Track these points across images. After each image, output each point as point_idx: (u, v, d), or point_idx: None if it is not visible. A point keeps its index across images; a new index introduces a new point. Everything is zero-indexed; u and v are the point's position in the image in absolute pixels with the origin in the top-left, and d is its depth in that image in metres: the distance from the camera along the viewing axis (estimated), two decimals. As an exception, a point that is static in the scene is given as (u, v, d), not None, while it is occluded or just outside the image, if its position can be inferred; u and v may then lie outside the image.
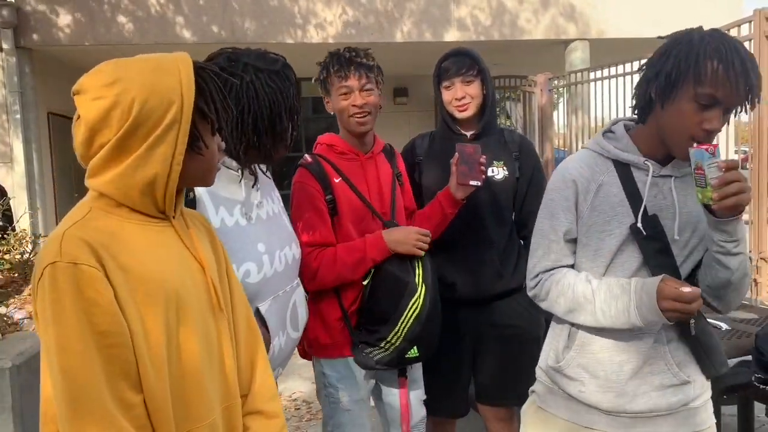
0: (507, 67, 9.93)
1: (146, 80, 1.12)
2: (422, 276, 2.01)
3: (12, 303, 3.99)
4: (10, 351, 3.02)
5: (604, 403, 1.56)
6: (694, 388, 1.56)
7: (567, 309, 1.56)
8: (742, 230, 1.41)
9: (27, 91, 8.28)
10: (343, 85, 2.04)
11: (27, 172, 8.27)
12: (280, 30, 8.61)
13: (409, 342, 1.98)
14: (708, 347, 1.55)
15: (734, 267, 1.43)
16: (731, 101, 1.38)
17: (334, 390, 2.10)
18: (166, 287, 1.14)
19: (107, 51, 8.67)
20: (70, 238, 1.07)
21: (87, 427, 1.03)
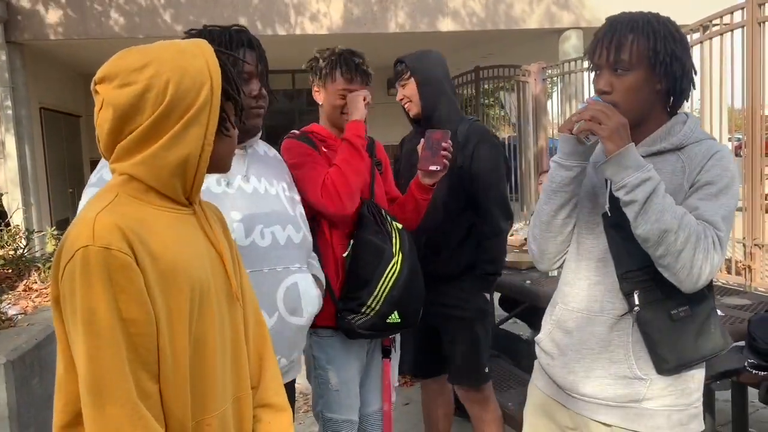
0: (500, 56, 9.92)
1: (177, 63, 1.12)
2: (399, 245, 2.15)
3: (6, 299, 3.97)
4: (4, 347, 3.01)
5: (560, 379, 1.62)
6: (649, 387, 1.50)
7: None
8: (626, 175, 1.39)
9: (18, 86, 8.24)
10: (347, 88, 2.19)
11: (20, 168, 8.24)
12: (271, 22, 8.57)
13: (389, 305, 2.08)
14: (652, 341, 1.48)
15: (631, 218, 1.40)
16: (601, 63, 1.50)
17: (323, 372, 2.18)
18: (191, 275, 1.14)
19: (98, 45, 8.63)
20: (103, 222, 1.06)
21: (111, 412, 1.03)
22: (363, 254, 2.13)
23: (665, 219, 1.36)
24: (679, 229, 1.36)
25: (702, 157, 1.47)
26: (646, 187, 1.37)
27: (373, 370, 2.32)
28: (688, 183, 1.47)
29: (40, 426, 3.22)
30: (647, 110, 1.51)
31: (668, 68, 1.46)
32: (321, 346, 2.19)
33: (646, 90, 1.48)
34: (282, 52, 9.59)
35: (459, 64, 10.84)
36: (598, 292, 1.55)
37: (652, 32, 1.46)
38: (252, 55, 1.66)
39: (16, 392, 2.94)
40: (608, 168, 1.40)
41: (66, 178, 10.18)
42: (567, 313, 1.61)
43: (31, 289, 4.32)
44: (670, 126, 1.53)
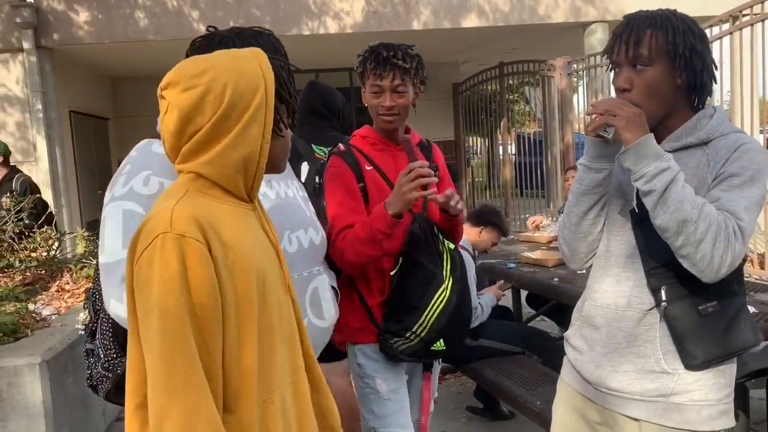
0: (525, 52, 9.84)
1: (233, 67, 1.21)
2: (450, 268, 2.02)
3: (40, 299, 4.05)
4: (39, 347, 3.08)
5: (588, 374, 1.62)
6: (676, 382, 1.49)
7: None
8: (645, 165, 1.38)
9: (48, 90, 8.39)
10: (376, 84, 2.04)
11: (51, 170, 8.40)
12: (296, 21, 8.61)
13: (435, 333, 1.98)
14: (680, 336, 1.47)
15: (650, 208, 1.40)
16: (620, 59, 1.50)
17: (371, 380, 2.09)
18: (257, 264, 1.22)
19: (125, 48, 8.75)
20: (180, 212, 1.15)
21: (179, 389, 1.08)
22: (412, 277, 2.01)
23: (684, 209, 1.36)
24: (698, 219, 1.36)
25: (727, 150, 1.46)
26: (665, 177, 1.37)
27: (413, 381, 2.24)
28: (712, 176, 1.46)
29: (74, 424, 3.28)
30: (669, 106, 1.50)
31: (688, 62, 1.46)
32: (365, 353, 2.10)
33: (666, 85, 1.48)
34: (305, 51, 9.62)
35: (482, 60, 10.79)
36: (626, 287, 1.55)
37: (671, 27, 1.46)
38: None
39: (51, 391, 3.00)
40: (627, 158, 1.41)
41: (95, 180, 10.34)
42: (595, 309, 1.62)
43: (64, 290, 4.40)
44: (696, 120, 1.52)
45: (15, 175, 5.56)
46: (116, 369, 1.54)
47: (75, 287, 4.42)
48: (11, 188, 5.40)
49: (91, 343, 1.62)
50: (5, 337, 3.18)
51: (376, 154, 2.12)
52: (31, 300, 3.84)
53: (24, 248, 4.94)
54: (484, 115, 10.45)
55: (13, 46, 8.23)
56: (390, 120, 2.06)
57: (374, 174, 2.09)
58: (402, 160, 2.10)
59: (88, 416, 3.47)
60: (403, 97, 2.04)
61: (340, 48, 9.68)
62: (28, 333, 3.33)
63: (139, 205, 1.51)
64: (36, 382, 2.90)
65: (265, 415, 1.23)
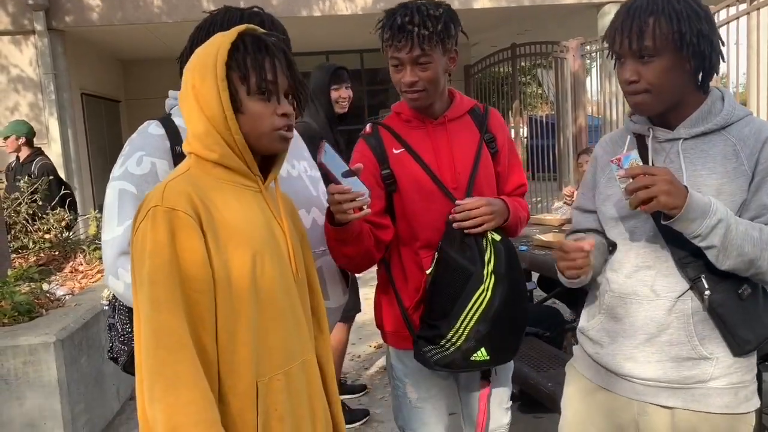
0: (537, 33, 9.74)
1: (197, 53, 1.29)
2: (494, 264, 1.74)
3: (54, 280, 4.09)
4: (54, 326, 3.11)
5: (615, 366, 1.58)
6: (716, 367, 1.47)
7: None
8: (696, 226, 1.37)
9: (60, 72, 8.40)
10: (394, 57, 1.75)
11: (63, 152, 8.43)
12: (307, 2, 8.55)
13: (474, 342, 1.72)
14: (730, 324, 1.45)
15: (713, 260, 1.40)
16: (624, 52, 1.44)
17: (401, 384, 1.94)
18: (253, 241, 1.25)
19: (136, 30, 8.74)
20: (172, 187, 1.20)
21: (167, 357, 1.12)
22: (446, 276, 1.75)
23: (746, 251, 1.38)
24: (762, 252, 1.39)
25: (755, 140, 1.44)
26: (719, 230, 1.37)
27: (470, 391, 1.98)
28: (750, 169, 1.43)
29: (89, 402, 3.32)
30: (680, 93, 1.47)
31: (696, 48, 1.41)
32: (398, 356, 1.93)
33: (675, 73, 1.43)
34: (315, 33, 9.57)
35: (494, 42, 10.68)
36: (649, 276, 1.52)
37: (674, 13, 1.40)
38: None
39: (66, 370, 3.03)
40: (677, 225, 1.38)
41: (107, 162, 10.35)
42: (616, 300, 1.58)
43: (77, 271, 4.44)
44: (710, 104, 1.49)
45: (36, 158, 5.60)
46: (131, 343, 1.59)
47: (88, 268, 4.46)
48: (30, 171, 5.44)
49: (112, 317, 1.67)
50: (20, 317, 3.22)
51: (409, 133, 1.85)
52: (45, 280, 3.88)
53: (38, 230, 4.99)
54: (496, 98, 10.38)
55: (26, 28, 8.24)
56: (415, 98, 1.79)
57: (404, 156, 1.83)
58: (441, 137, 1.85)
59: (102, 394, 3.51)
60: (428, 69, 1.74)
61: (351, 30, 9.61)
62: (43, 312, 3.37)
63: (131, 184, 1.56)
64: (51, 360, 2.94)
65: (269, 391, 1.25)
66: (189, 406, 1.11)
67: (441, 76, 1.79)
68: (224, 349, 1.20)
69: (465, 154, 1.85)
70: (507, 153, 1.95)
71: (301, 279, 1.39)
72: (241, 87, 1.26)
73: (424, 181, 1.81)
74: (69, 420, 3.01)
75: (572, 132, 8.42)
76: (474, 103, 1.95)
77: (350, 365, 4.39)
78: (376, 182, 1.82)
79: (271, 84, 1.27)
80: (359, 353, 4.62)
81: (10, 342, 2.93)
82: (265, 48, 1.27)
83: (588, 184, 1.70)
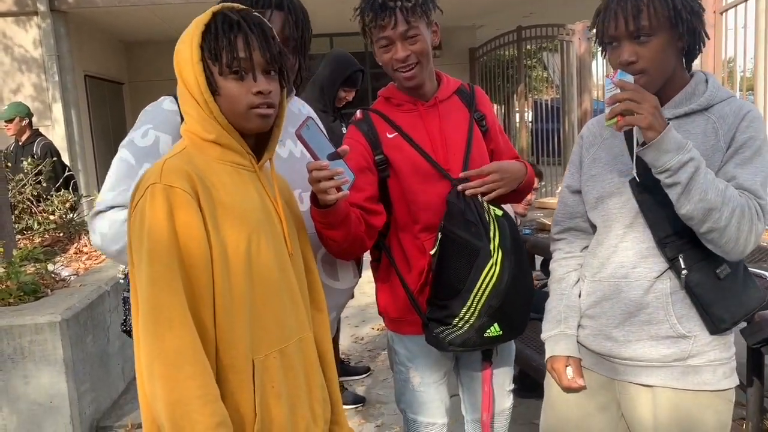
0: (543, 16, 9.67)
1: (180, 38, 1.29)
2: (499, 239, 1.72)
3: (59, 261, 4.11)
4: (59, 306, 3.13)
5: (596, 346, 1.62)
6: (694, 344, 1.49)
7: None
8: (667, 159, 1.34)
9: (64, 54, 8.38)
10: (382, 37, 1.73)
11: (67, 134, 8.43)
12: (311, -16, 8.49)
13: (487, 317, 1.72)
14: (705, 302, 1.47)
15: (674, 199, 1.37)
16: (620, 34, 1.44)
17: (405, 368, 1.93)
18: (249, 219, 1.26)
19: (138, 12, 8.69)
20: (170, 165, 1.21)
21: (166, 333, 1.13)
22: (453, 254, 1.74)
23: (709, 198, 1.35)
24: (723, 206, 1.35)
25: (734, 117, 1.45)
26: (688, 168, 1.34)
27: (471, 373, 2.00)
28: (725, 144, 1.45)
29: (94, 382, 3.35)
30: (671, 71, 1.48)
31: (690, 24, 1.43)
32: (402, 341, 1.93)
33: (670, 51, 1.45)
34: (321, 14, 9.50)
35: (500, 25, 10.60)
36: (627, 258, 1.54)
37: None
38: (280, 17, 1.58)
39: (72, 349, 3.05)
40: (648, 154, 1.36)
41: (111, 144, 10.37)
42: (595, 285, 1.61)
43: (82, 252, 4.46)
44: (693, 86, 1.51)
45: (37, 139, 5.60)
46: None
47: (93, 249, 4.47)
48: (32, 151, 5.45)
49: (127, 291, 1.70)
50: (26, 296, 3.24)
51: (401, 116, 1.85)
52: (50, 261, 3.89)
53: (42, 211, 5.00)
54: (501, 81, 10.32)
55: (29, 9, 8.21)
56: (410, 75, 1.76)
57: (398, 140, 1.82)
58: (433, 119, 1.84)
59: (107, 374, 3.54)
60: (418, 41, 1.73)
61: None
62: (48, 293, 3.39)
63: (132, 155, 1.58)
64: (57, 339, 2.96)
65: (265, 369, 1.26)
66: (189, 380, 1.12)
67: (429, 50, 1.79)
68: (222, 327, 1.21)
69: (457, 134, 1.85)
70: (496, 130, 1.96)
71: (296, 259, 1.39)
72: (214, 68, 1.25)
73: (420, 163, 1.80)
74: (75, 398, 3.04)
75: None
76: (460, 83, 1.95)
77: (353, 347, 4.41)
78: (369, 168, 1.80)
79: (243, 62, 1.24)
80: (362, 335, 4.64)
81: (17, 321, 2.95)
82: (237, 25, 1.24)
83: (575, 163, 1.72)
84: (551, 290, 1.76)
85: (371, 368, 3.98)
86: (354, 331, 4.72)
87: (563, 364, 1.66)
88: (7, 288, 3.22)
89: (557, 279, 1.75)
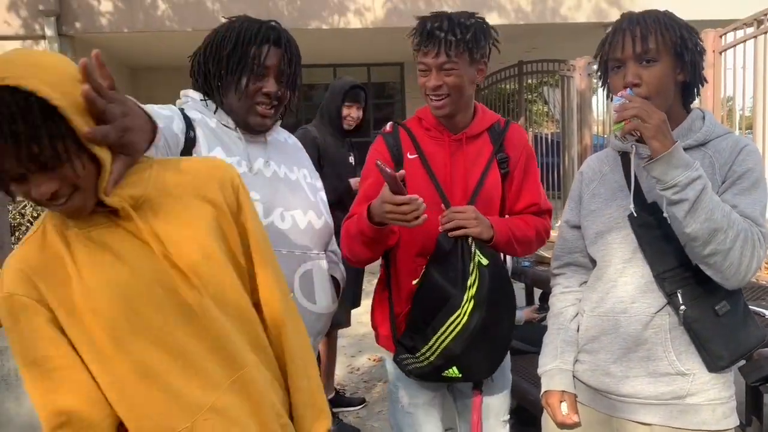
0: (545, 51, 9.79)
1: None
2: (476, 290, 1.70)
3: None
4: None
5: (593, 381, 1.60)
6: (693, 382, 1.48)
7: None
8: (676, 175, 1.33)
9: (69, 77, 8.46)
10: (422, 62, 1.77)
11: (70, 157, 8.46)
12: (317, 15, 8.61)
13: (445, 360, 1.73)
14: (703, 339, 1.45)
15: (681, 217, 1.35)
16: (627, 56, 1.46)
17: (395, 388, 1.96)
18: (119, 292, 1.11)
19: (145, 38, 8.80)
20: (10, 269, 1.13)
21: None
22: (427, 293, 1.77)
23: (715, 218, 1.33)
24: (728, 228, 1.34)
25: (731, 151, 1.46)
26: (696, 186, 1.33)
27: (464, 401, 1.98)
28: (721, 177, 1.45)
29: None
30: (669, 104, 1.49)
31: (694, 56, 1.46)
32: (392, 359, 1.93)
33: (671, 81, 1.47)
34: (324, 46, 9.62)
35: (502, 59, 10.70)
36: (626, 293, 1.53)
37: (674, 22, 1.46)
38: (276, 53, 1.64)
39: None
40: (656, 168, 1.35)
41: (113, 168, 10.41)
42: (593, 320, 1.60)
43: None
44: (690, 122, 1.52)
45: None
46: None
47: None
48: None
49: None
50: (21, 318, 3.21)
51: (426, 140, 1.87)
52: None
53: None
54: (502, 114, 10.38)
55: (36, 33, 8.31)
56: (439, 105, 1.78)
57: (416, 163, 1.84)
58: (454, 152, 1.85)
59: (100, 399, 3.50)
60: (452, 75, 1.74)
61: (360, 44, 9.67)
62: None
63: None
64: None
65: None
66: None
67: (466, 86, 1.79)
68: (122, 414, 1.15)
69: (474, 171, 1.86)
70: (521, 173, 1.92)
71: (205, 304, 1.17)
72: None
73: (428, 189, 1.81)
74: (66, 423, 3.00)
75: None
76: (496, 119, 1.93)
77: (349, 378, 4.37)
78: None
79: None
80: (358, 366, 4.60)
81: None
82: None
83: (575, 198, 1.73)
84: (549, 324, 1.76)
85: (366, 400, 3.94)
86: (350, 361, 4.68)
87: (558, 399, 1.65)
88: (3, 309, 3.20)
89: (555, 313, 1.74)
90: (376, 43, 9.80)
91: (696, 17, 1.64)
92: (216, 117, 1.68)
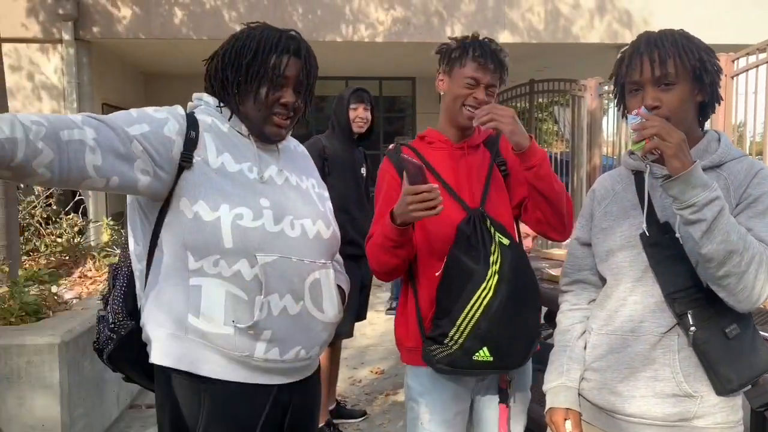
0: (556, 70, 9.81)
1: None
2: (499, 266, 1.76)
3: (63, 284, 4.11)
4: (59, 328, 3.12)
5: (599, 400, 1.59)
6: (700, 405, 1.46)
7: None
8: (694, 195, 1.32)
9: (84, 82, 8.53)
10: (474, 76, 1.88)
11: (81, 160, 8.51)
12: (331, 27, 8.68)
13: (475, 340, 1.74)
14: (712, 361, 1.44)
15: (697, 237, 1.34)
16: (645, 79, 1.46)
17: (416, 404, 1.92)
18: None
19: (161, 45, 8.88)
20: None
21: None
22: (452, 276, 1.81)
23: (732, 239, 1.33)
24: (744, 251, 1.34)
25: (746, 175, 1.46)
26: (714, 207, 1.33)
27: (486, 414, 1.98)
28: (735, 200, 1.45)
29: (88, 407, 3.31)
30: (688, 126, 1.49)
31: (713, 78, 1.47)
32: (416, 374, 1.93)
33: (690, 103, 1.48)
34: (337, 58, 9.68)
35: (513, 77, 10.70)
36: (635, 312, 1.53)
37: (692, 43, 1.46)
38: (296, 64, 1.65)
39: (68, 372, 3.03)
40: (674, 186, 1.34)
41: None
42: (601, 338, 1.60)
43: (86, 276, 4.47)
44: (706, 143, 1.52)
45: None
46: (120, 330, 1.64)
47: (97, 275, 4.48)
48: None
49: (104, 310, 1.72)
50: (28, 317, 3.23)
51: (430, 153, 1.97)
52: (54, 283, 3.90)
53: (50, 233, 5.03)
54: (512, 132, 10.39)
55: (54, 37, 8.39)
56: (473, 114, 1.86)
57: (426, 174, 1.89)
58: (458, 158, 1.97)
59: (102, 401, 3.50)
60: (492, 96, 1.91)
61: (372, 57, 9.73)
62: (50, 314, 3.39)
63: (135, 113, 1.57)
64: (54, 362, 2.94)
65: None
66: None
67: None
68: None
69: (479, 176, 1.97)
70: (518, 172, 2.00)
71: None
72: None
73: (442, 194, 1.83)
74: (67, 423, 3.00)
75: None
76: (492, 131, 2.01)
77: (350, 390, 4.36)
78: (397, 195, 1.86)
79: None
80: (360, 378, 4.59)
81: (16, 341, 2.95)
82: None
83: (586, 216, 1.74)
84: (555, 341, 1.75)
85: (368, 412, 3.92)
86: (352, 374, 4.67)
87: (562, 417, 1.64)
88: (10, 307, 3.22)
89: (562, 330, 1.74)
90: (388, 57, 9.86)
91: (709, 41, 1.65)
92: (230, 123, 1.68)
